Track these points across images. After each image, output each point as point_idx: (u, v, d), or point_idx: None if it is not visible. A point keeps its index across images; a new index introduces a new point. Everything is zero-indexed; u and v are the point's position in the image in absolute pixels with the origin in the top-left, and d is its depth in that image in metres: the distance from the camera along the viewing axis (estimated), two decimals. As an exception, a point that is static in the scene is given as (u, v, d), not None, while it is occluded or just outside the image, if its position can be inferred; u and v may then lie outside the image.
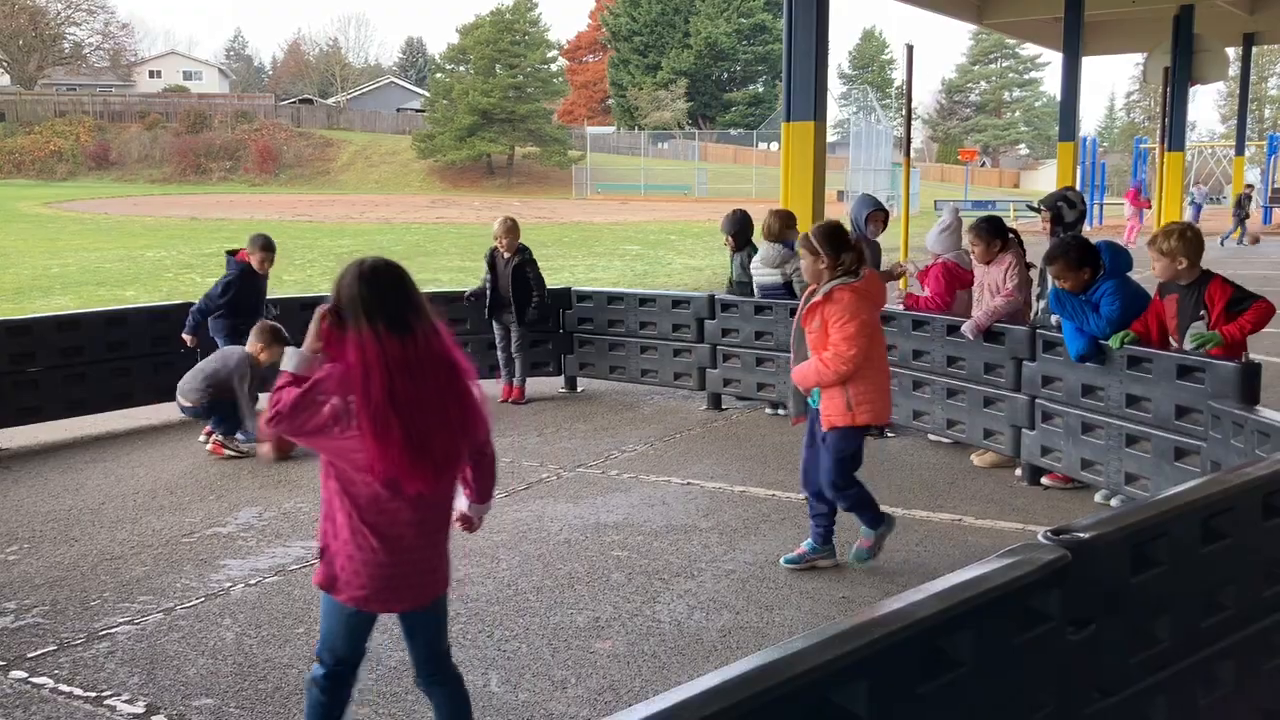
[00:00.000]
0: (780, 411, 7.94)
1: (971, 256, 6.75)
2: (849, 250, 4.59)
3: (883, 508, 4.88)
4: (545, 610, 4.47)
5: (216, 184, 52.71)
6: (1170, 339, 5.43)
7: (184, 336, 7.45)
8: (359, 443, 2.71)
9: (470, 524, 3.23)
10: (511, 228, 8.36)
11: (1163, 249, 5.20)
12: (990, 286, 6.58)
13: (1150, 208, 27.25)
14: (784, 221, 7.91)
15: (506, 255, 8.33)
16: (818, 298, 4.63)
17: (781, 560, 4.95)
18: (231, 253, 7.56)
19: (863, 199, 8.05)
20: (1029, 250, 6.74)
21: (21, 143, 54.96)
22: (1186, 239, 5.17)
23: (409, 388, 2.70)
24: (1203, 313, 5.19)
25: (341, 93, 75.63)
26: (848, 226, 5.28)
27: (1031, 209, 6.88)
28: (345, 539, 2.83)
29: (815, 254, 4.59)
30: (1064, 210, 6.62)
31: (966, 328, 6.49)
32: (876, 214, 7.78)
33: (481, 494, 3.15)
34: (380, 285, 2.75)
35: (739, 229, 8.23)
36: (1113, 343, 5.50)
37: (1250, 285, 5.36)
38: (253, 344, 6.93)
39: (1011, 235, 6.68)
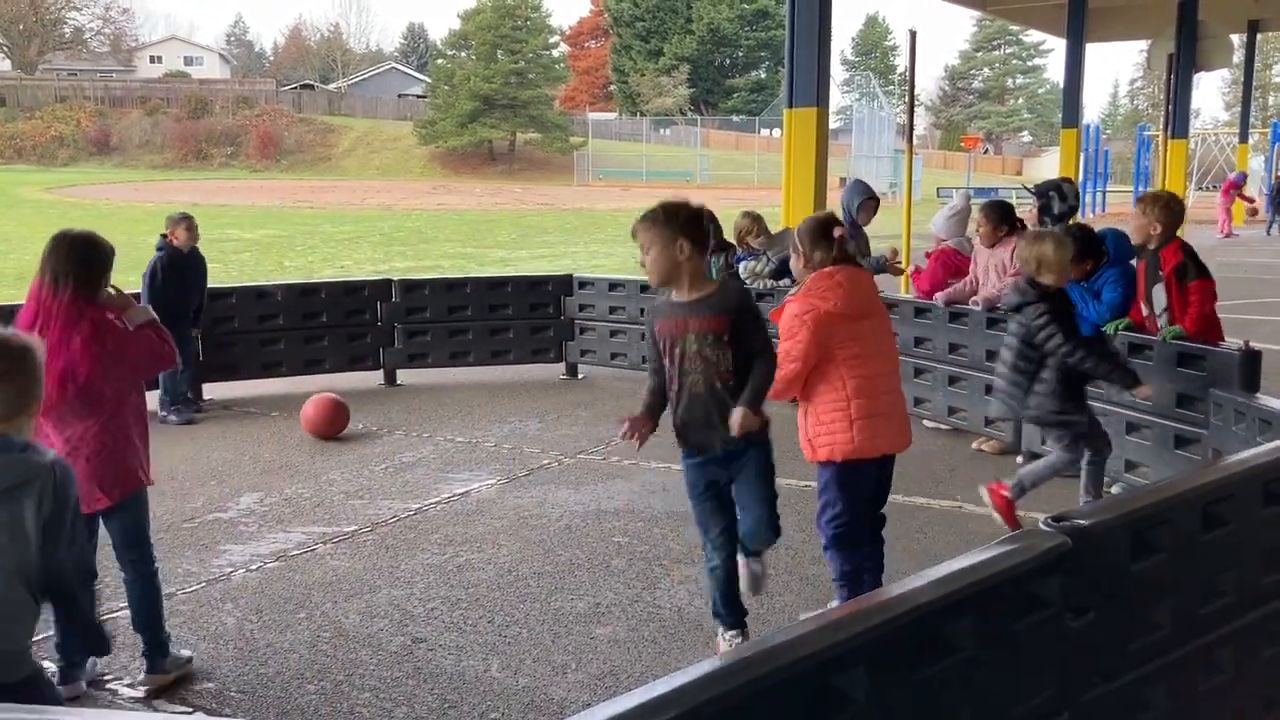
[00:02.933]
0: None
1: (977, 238, 6.80)
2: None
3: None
4: (546, 596, 4.48)
5: (218, 170, 52.60)
6: (1141, 305, 5.50)
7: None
8: None
9: None
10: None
11: (1144, 210, 5.37)
12: (996, 268, 6.61)
13: (1249, 201, 26.35)
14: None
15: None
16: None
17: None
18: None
19: (854, 185, 8.01)
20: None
21: (22, 128, 54.79)
22: (1170, 210, 5.33)
23: (43, 332, 3.36)
24: (1160, 273, 5.35)
25: (343, 78, 75.40)
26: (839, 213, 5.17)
27: (1027, 190, 6.89)
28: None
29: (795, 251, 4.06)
30: (1053, 201, 6.57)
31: (979, 300, 6.52)
32: (868, 202, 7.76)
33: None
34: (57, 250, 3.53)
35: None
36: (1109, 330, 5.51)
37: (1250, 273, 5.35)
38: None
39: (1019, 222, 6.72)
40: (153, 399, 7.99)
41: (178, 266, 7.47)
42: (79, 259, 3.54)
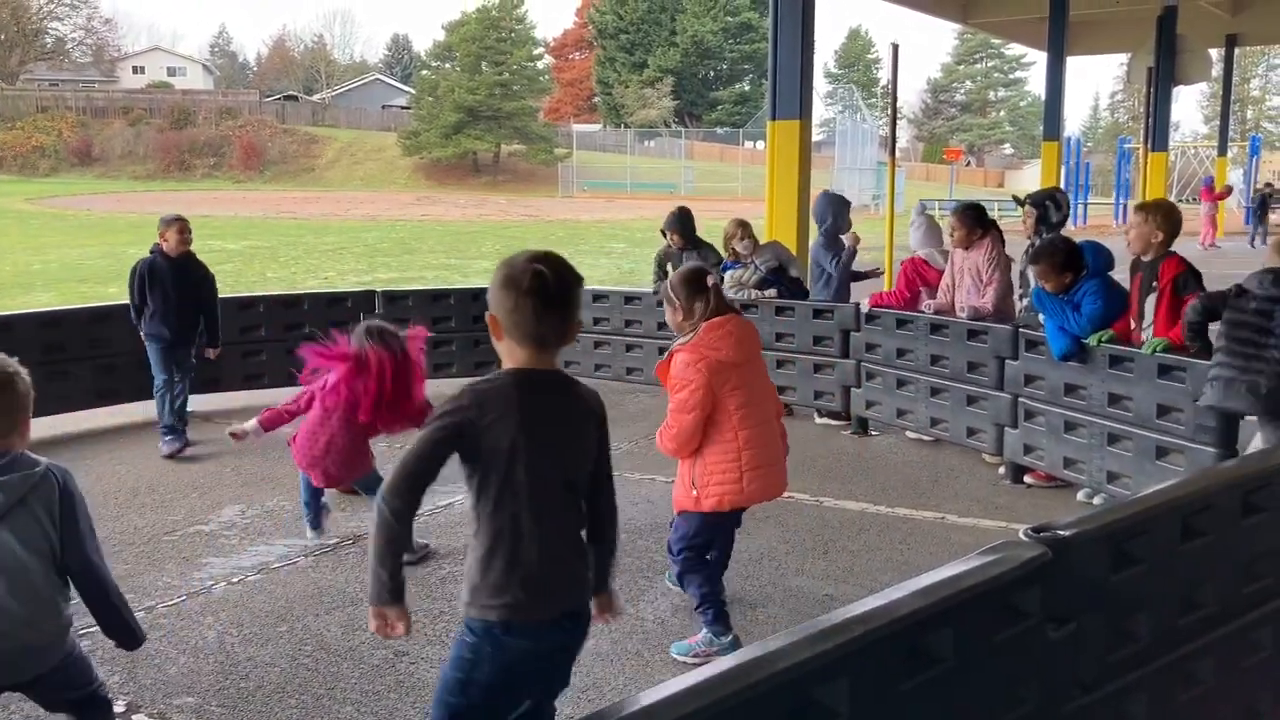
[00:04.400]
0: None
1: (951, 241, 6.87)
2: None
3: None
4: (529, 608, 4.45)
5: (201, 180, 52.42)
6: (1131, 319, 5.55)
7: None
8: None
9: None
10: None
11: (1146, 218, 5.40)
12: (971, 271, 6.65)
13: (1226, 197, 26.63)
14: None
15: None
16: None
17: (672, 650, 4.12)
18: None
19: (823, 198, 8.05)
20: (1005, 247, 6.81)
21: (3, 138, 54.49)
22: (1171, 219, 5.38)
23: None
24: (1155, 284, 5.36)
25: (327, 89, 75.33)
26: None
27: (1017, 202, 6.97)
28: None
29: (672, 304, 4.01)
30: (1049, 210, 6.67)
31: (967, 310, 6.56)
32: (840, 208, 7.85)
33: None
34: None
35: (683, 226, 8.25)
36: (1092, 341, 5.54)
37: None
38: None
39: (993, 224, 6.80)
40: (147, 408, 7.94)
41: (162, 273, 6.95)
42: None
